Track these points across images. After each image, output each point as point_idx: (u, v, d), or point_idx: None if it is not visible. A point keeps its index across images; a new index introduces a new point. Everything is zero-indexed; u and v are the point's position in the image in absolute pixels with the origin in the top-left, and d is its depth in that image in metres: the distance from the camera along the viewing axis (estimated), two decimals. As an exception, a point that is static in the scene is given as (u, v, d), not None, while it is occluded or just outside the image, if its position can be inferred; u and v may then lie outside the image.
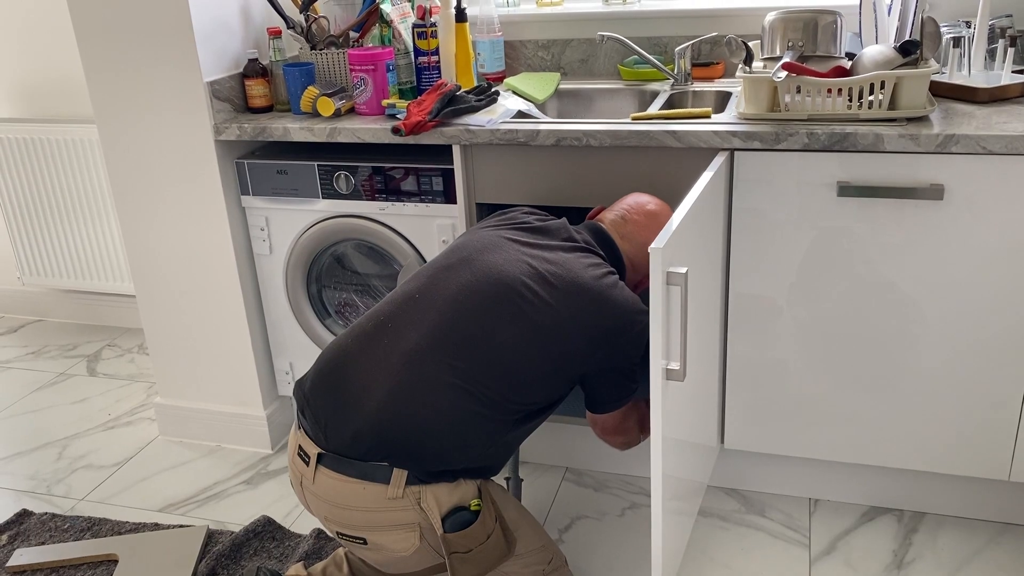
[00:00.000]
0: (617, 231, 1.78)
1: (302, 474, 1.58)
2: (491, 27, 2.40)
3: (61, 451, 2.57)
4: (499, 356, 1.54)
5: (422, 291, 1.62)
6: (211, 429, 2.55)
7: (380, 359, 1.55)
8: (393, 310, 1.61)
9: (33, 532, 2.18)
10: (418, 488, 1.51)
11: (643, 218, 1.80)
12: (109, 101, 2.25)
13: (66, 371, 3.06)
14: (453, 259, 1.66)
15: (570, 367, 1.61)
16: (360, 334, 1.60)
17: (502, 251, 1.65)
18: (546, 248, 1.68)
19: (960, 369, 1.88)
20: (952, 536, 2.00)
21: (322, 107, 2.17)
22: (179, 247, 2.35)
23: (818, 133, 1.78)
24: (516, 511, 1.69)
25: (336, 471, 1.53)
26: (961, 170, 1.73)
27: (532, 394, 1.58)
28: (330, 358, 1.61)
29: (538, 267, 1.62)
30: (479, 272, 1.61)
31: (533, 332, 1.56)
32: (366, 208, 2.19)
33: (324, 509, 1.57)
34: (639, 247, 1.78)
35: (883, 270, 1.85)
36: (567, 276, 1.62)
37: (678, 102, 2.28)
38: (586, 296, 1.61)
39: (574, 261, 1.66)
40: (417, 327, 1.56)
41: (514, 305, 1.57)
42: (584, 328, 1.59)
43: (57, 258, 3.24)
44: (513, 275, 1.60)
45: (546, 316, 1.57)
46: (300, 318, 2.36)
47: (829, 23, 1.92)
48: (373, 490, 1.51)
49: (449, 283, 1.61)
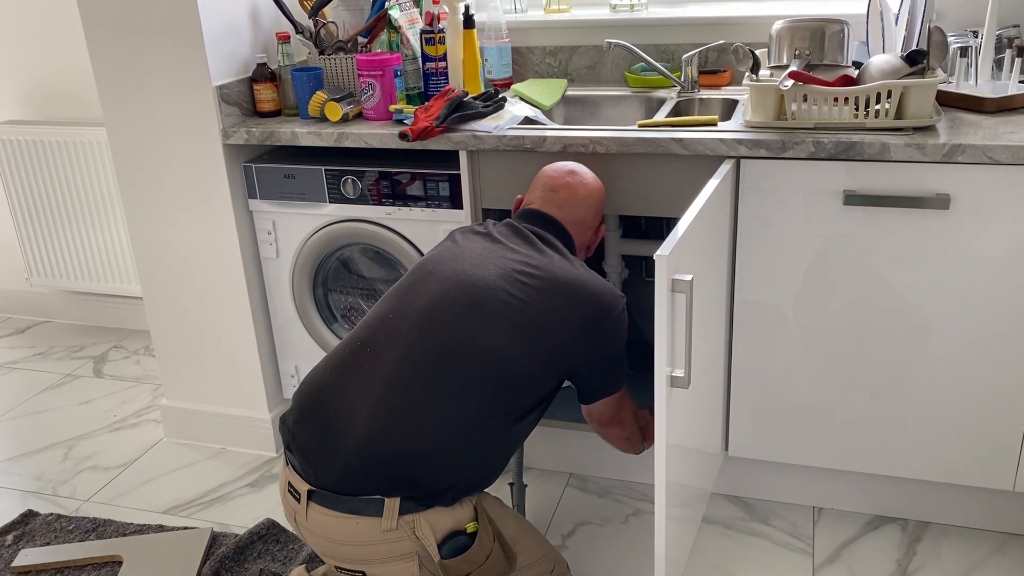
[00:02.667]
0: (551, 204, 1.79)
1: (295, 510, 1.56)
2: (499, 33, 2.41)
3: (67, 452, 2.58)
4: (483, 360, 1.53)
5: (394, 310, 1.60)
6: (216, 431, 2.56)
7: (361, 385, 1.53)
8: (369, 334, 1.59)
9: (38, 532, 2.19)
10: (412, 517, 1.50)
11: (567, 177, 1.82)
12: (118, 104, 2.26)
13: (72, 372, 3.07)
14: (418, 276, 1.65)
15: (556, 360, 1.60)
16: (339, 362, 1.59)
17: (466, 258, 1.65)
18: (507, 248, 1.68)
19: (965, 379, 1.87)
20: (956, 546, 2.00)
21: (330, 112, 2.18)
22: (186, 250, 2.36)
23: (824, 142, 1.78)
24: (515, 525, 1.67)
25: (328, 507, 1.51)
26: (967, 180, 1.73)
27: (522, 393, 1.57)
28: (311, 390, 1.59)
29: (506, 267, 1.62)
30: (448, 281, 1.60)
31: (513, 331, 1.55)
32: (373, 213, 2.20)
33: (320, 545, 1.55)
34: (577, 208, 1.79)
35: (888, 279, 1.85)
36: (537, 272, 1.62)
37: (685, 109, 2.29)
38: (560, 287, 1.61)
39: (539, 256, 1.66)
40: (394, 347, 1.55)
41: (489, 307, 1.56)
42: (564, 320, 1.59)
43: (65, 260, 3.25)
44: (483, 278, 1.59)
45: (523, 314, 1.56)
46: (306, 321, 2.37)
47: (836, 32, 1.93)
48: (367, 524, 1.49)
49: (420, 297, 1.60)
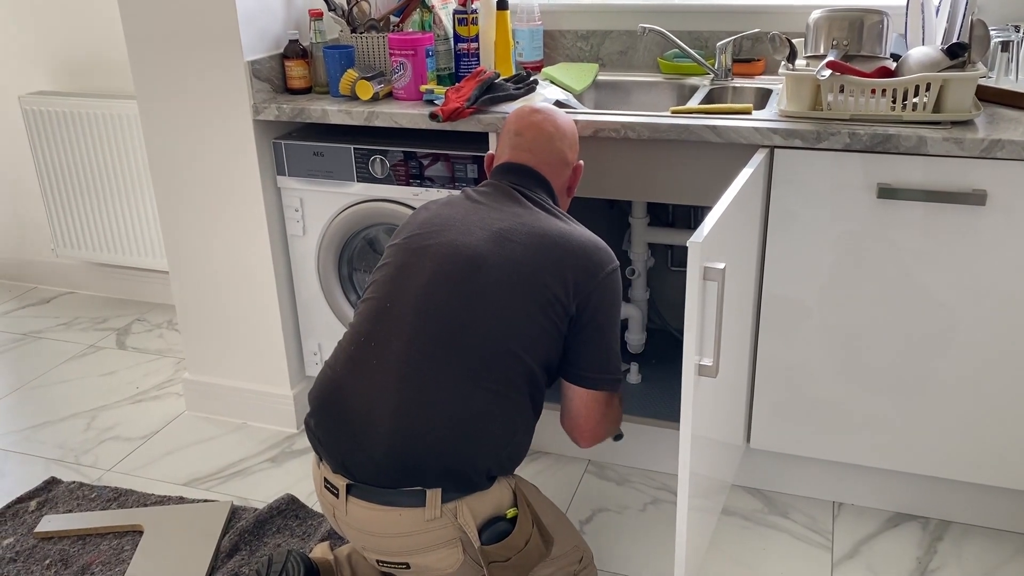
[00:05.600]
0: (521, 151, 1.73)
1: (333, 506, 1.55)
2: (531, 16, 2.40)
3: (90, 422, 2.61)
4: (487, 332, 1.51)
5: (391, 298, 1.57)
6: (238, 406, 2.57)
7: (375, 380, 1.51)
8: (371, 327, 1.56)
9: (61, 500, 2.22)
10: (453, 504, 1.49)
11: (531, 116, 1.76)
12: (150, 78, 2.27)
13: (96, 343, 3.09)
14: (406, 256, 1.61)
15: (557, 317, 1.56)
16: (347, 360, 1.57)
17: (452, 228, 1.61)
18: (490, 208, 1.64)
19: (991, 378, 1.85)
20: (978, 546, 1.98)
21: (360, 90, 2.17)
22: (214, 225, 2.37)
23: (860, 133, 1.76)
24: (552, 513, 1.66)
25: (368, 500, 1.50)
26: (1005, 176, 1.71)
27: (532, 357, 1.54)
28: (325, 392, 1.57)
29: (492, 228, 1.59)
30: (437, 256, 1.57)
31: (510, 295, 1.53)
32: (400, 193, 2.20)
33: (361, 539, 1.54)
34: (547, 146, 1.73)
35: (918, 275, 1.83)
36: (524, 228, 1.59)
37: (717, 97, 2.27)
38: (548, 241, 1.58)
39: (523, 212, 1.63)
40: (399, 336, 1.52)
41: (484, 275, 1.53)
42: (556, 272, 1.56)
43: (91, 231, 3.27)
44: (473, 246, 1.56)
45: (517, 274, 1.54)
46: (330, 300, 2.37)
47: (875, 23, 1.90)
48: (410, 515, 1.48)
49: (413, 280, 1.56)
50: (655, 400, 2.31)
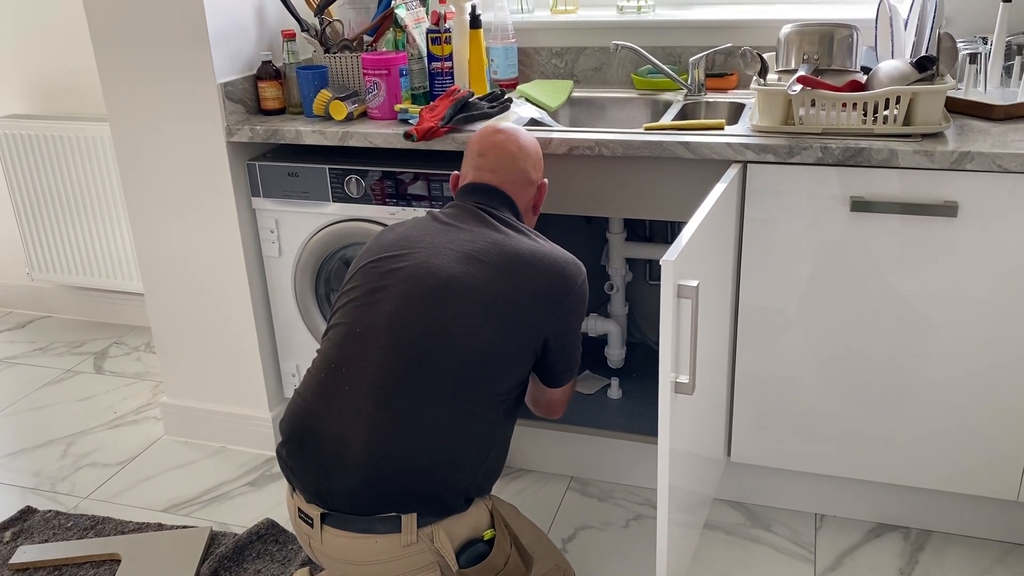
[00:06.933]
0: (484, 171, 1.73)
1: (309, 536, 1.53)
2: (505, 34, 2.40)
3: (66, 448, 2.57)
4: (460, 353, 1.50)
5: (360, 322, 1.55)
6: (216, 430, 2.55)
7: (347, 407, 1.50)
8: (340, 353, 1.54)
9: (37, 530, 2.18)
10: (430, 528, 1.48)
11: (493, 136, 1.76)
12: (122, 100, 2.25)
13: (73, 368, 3.06)
14: (374, 279, 1.59)
15: (532, 336, 1.57)
16: (317, 387, 1.55)
17: (421, 250, 1.59)
18: (458, 230, 1.63)
19: (969, 387, 1.86)
20: (959, 555, 1.99)
21: (334, 111, 2.17)
22: (188, 247, 2.36)
23: (832, 147, 1.77)
24: (531, 533, 1.66)
25: (343, 529, 1.49)
26: (975, 188, 1.72)
27: (506, 377, 1.54)
28: (296, 421, 1.55)
29: (462, 249, 1.58)
30: (408, 279, 1.55)
31: (483, 316, 1.52)
32: (376, 212, 2.19)
33: (339, 568, 1.53)
34: (511, 165, 1.73)
35: (894, 286, 1.84)
36: (494, 249, 1.58)
37: (691, 113, 2.28)
38: (520, 262, 1.57)
39: (491, 232, 1.62)
40: (370, 361, 1.50)
41: (455, 297, 1.52)
42: (530, 294, 1.56)
43: (66, 254, 3.24)
44: (443, 267, 1.55)
45: (489, 295, 1.53)
46: (308, 321, 2.36)
47: (845, 37, 1.92)
48: (386, 541, 1.47)
49: (383, 303, 1.54)
50: (637, 415, 2.31)
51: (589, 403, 2.39)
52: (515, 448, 2.34)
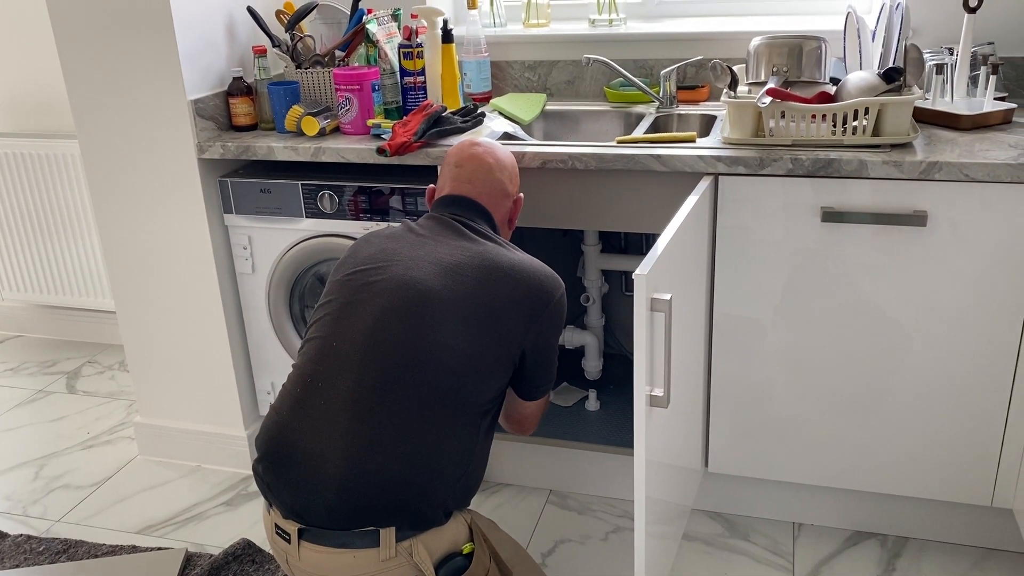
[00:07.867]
0: (461, 182, 1.74)
1: (286, 552, 1.51)
2: (478, 47, 2.40)
3: (38, 471, 2.54)
4: (438, 366, 1.49)
5: (337, 336, 1.54)
6: (191, 449, 2.52)
7: (323, 421, 1.48)
8: (316, 367, 1.53)
9: (7, 554, 2.15)
10: (408, 542, 1.47)
11: (470, 149, 1.77)
12: (91, 117, 2.23)
13: (45, 388, 3.02)
14: (350, 292, 1.58)
15: (509, 347, 1.56)
16: (293, 402, 1.53)
17: (398, 262, 1.59)
18: (435, 242, 1.63)
19: (942, 394, 1.88)
20: (935, 561, 2.00)
21: (307, 126, 2.16)
22: (160, 264, 2.33)
23: (802, 159, 1.78)
24: (512, 549, 1.64)
25: (321, 544, 1.47)
26: (944, 197, 1.74)
27: (485, 389, 1.54)
28: (272, 436, 1.54)
29: (439, 261, 1.57)
30: (385, 292, 1.54)
31: (461, 328, 1.51)
32: (350, 228, 2.18)
33: None
34: (487, 178, 1.74)
35: (867, 295, 1.85)
36: (473, 262, 1.58)
37: (663, 125, 2.29)
38: (499, 273, 1.57)
39: (468, 244, 1.62)
40: (347, 374, 1.49)
41: (432, 309, 1.52)
42: (508, 305, 1.56)
43: (37, 273, 3.20)
44: (421, 280, 1.54)
45: (467, 307, 1.53)
46: (282, 337, 2.34)
47: (814, 49, 1.93)
48: (364, 556, 1.46)
49: (360, 317, 1.54)
50: (614, 427, 2.31)
51: (567, 415, 2.39)
52: (493, 462, 2.33)
